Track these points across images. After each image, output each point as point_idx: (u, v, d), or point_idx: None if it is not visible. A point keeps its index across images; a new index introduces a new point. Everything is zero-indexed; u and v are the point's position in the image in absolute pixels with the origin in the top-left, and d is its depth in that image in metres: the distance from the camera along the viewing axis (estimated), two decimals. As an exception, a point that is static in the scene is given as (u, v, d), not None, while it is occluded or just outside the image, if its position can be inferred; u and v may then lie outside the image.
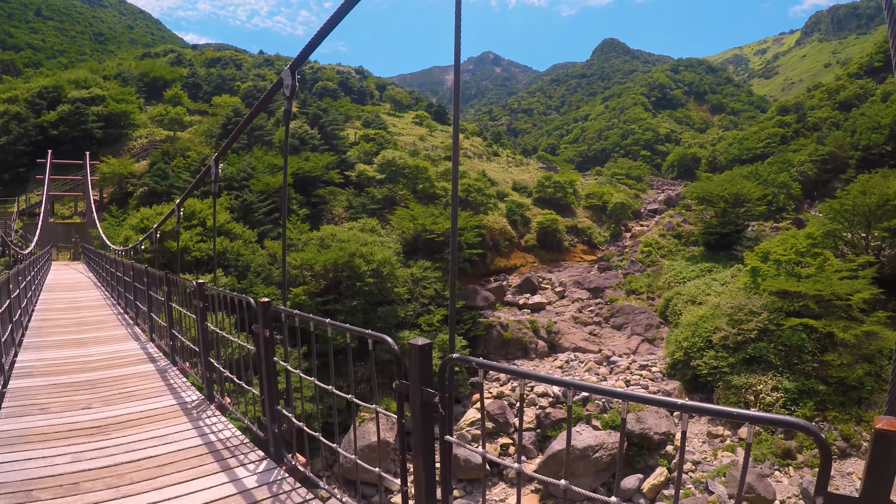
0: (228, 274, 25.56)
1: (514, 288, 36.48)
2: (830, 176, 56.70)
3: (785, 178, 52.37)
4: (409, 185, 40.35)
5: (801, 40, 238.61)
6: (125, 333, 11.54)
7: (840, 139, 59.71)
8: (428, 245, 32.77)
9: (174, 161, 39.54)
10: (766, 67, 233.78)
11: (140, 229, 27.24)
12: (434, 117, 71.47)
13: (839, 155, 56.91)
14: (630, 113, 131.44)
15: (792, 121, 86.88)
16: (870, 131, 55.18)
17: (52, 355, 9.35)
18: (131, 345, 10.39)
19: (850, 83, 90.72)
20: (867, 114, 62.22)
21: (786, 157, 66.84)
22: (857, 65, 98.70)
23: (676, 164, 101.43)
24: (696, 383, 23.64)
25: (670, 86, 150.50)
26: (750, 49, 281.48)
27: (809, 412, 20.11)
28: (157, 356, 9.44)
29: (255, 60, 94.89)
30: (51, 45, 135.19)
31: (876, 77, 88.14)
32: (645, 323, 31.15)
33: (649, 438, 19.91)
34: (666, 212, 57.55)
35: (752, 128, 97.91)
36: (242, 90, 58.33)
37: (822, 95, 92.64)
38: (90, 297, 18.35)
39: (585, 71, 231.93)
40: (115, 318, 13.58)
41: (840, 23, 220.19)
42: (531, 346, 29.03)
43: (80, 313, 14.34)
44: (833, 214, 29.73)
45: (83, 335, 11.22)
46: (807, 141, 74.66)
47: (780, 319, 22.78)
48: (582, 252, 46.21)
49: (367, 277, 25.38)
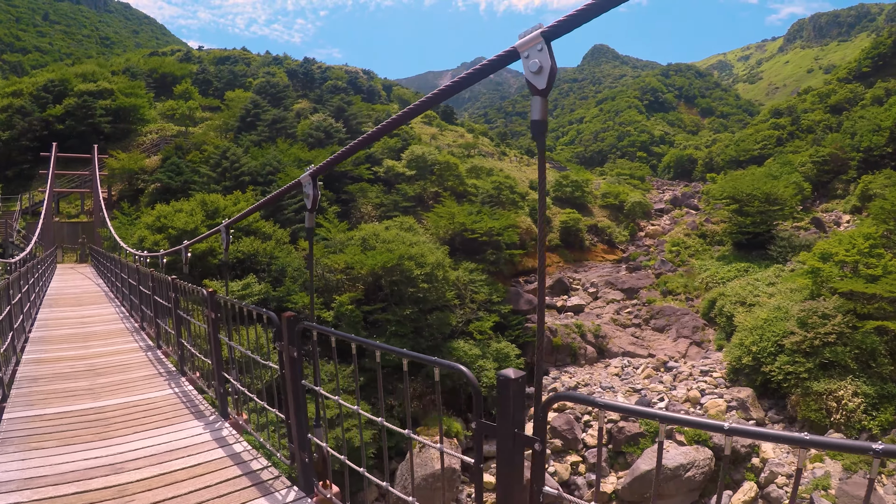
0: (262, 280, 23.54)
1: (546, 289, 35.17)
2: (831, 177, 57.24)
3: (798, 179, 52.23)
4: (438, 182, 38.98)
5: (784, 47, 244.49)
6: (163, 381, 8.19)
7: (839, 141, 60.40)
8: (467, 245, 31.38)
9: (189, 155, 37.77)
10: (750, 73, 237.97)
11: (156, 228, 25.03)
12: (442, 117, 70.45)
13: (840, 156, 57.35)
14: (624, 115, 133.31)
15: (786, 123, 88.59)
16: (871, 133, 56.04)
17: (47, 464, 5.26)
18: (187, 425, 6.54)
19: (840, 87, 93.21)
20: (867, 116, 63.71)
21: (787, 159, 67.39)
22: (847, 70, 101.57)
23: (673, 165, 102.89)
24: (767, 389, 22.61)
25: (662, 90, 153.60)
26: (734, 55, 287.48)
27: (891, 416, 19.33)
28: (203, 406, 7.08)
29: (263, 59, 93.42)
30: (58, 49, 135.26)
31: (865, 82, 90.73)
32: (691, 325, 30.05)
33: (736, 452, 18.80)
34: (674, 211, 57.40)
35: (747, 130, 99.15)
36: (255, 86, 56.66)
37: (813, 99, 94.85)
38: (103, 315, 14.43)
39: (577, 76, 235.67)
40: (142, 355, 9.93)
41: (821, 30, 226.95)
42: (580, 351, 27.76)
43: (92, 348, 10.37)
44: (884, 215, 29.01)
45: (99, 397, 7.31)
46: (802, 143, 75.93)
47: (856, 322, 21.82)
48: (603, 252, 45.23)
49: (420, 282, 23.48)
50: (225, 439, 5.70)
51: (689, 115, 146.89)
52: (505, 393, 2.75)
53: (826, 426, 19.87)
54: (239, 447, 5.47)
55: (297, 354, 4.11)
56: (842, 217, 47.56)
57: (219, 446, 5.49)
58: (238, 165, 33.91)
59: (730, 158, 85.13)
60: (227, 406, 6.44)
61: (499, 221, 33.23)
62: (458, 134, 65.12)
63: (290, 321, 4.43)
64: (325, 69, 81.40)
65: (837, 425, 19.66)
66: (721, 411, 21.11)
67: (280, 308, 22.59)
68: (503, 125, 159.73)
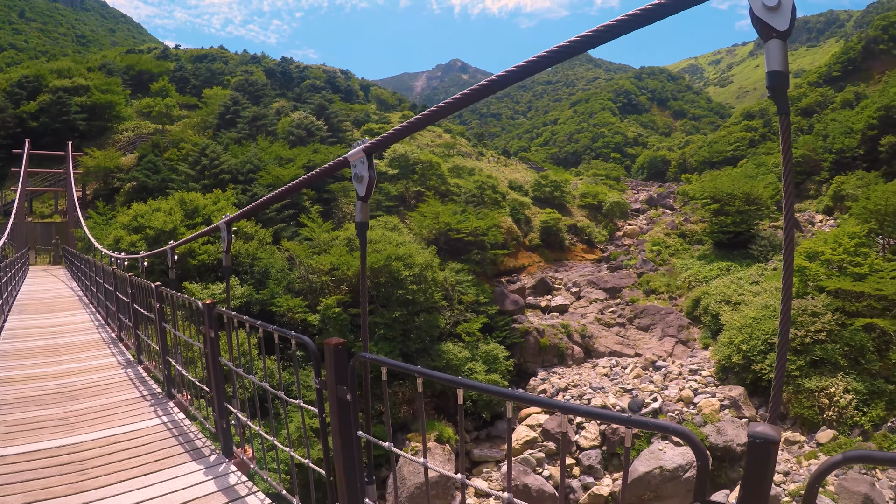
0: (244, 282, 22.71)
1: (529, 289, 35.02)
2: (803, 178, 58.39)
3: (773, 179, 53.02)
4: (420, 181, 38.47)
5: (755, 51, 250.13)
6: (147, 407, 6.96)
7: (811, 143, 61.55)
8: (452, 245, 30.94)
9: (166, 153, 36.77)
10: (720, 76, 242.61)
11: (133, 229, 23.98)
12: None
13: (812, 158, 58.52)
14: (598, 117, 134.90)
15: (758, 125, 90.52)
16: (843, 136, 57.42)
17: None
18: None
19: (810, 91, 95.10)
20: (838, 119, 65.09)
21: (761, 160, 68.55)
22: (817, 74, 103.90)
23: (646, 166, 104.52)
24: (757, 387, 22.60)
25: (635, 92, 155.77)
26: (705, 59, 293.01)
27: (882, 412, 19.39)
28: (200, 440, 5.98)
29: (241, 58, 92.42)
30: (33, 46, 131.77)
31: (834, 86, 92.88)
32: (676, 324, 30.03)
33: (732, 451, 18.61)
34: (650, 211, 57.83)
35: (719, 132, 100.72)
36: (234, 83, 55.70)
37: None
38: (77, 324, 13.12)
39: (551, 78, 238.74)
40: (122, 372, 8.73)
41: (791, 35, 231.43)
42: (567, 352, 27.48)
43: (64, 363, 9.19)
44: (866, 214, 29.31)
45: (73, 429, 6.16)
46: (774, 145, 77.34)
47: (845, 320, 21.95)
48: (582, 251, 45.29)
49: (408, 284, 22.86)
50: (234, 490, 4.59)
51: (661, 118, 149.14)
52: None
53: (818, 423, 19.90)
54: (254, 501, 4.41)
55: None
56: (815, 217, 48.26)
57: (228, 500, 4.41)
58: (218, 163, 33.07)
59: (703, 160, 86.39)
60: (231, 443, 5.38)
61: (484, 221, 32.88)
62: (436, 134, 64.76)
63: (338, 351, 3.28)
64: (303, 68, 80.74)
65: (830, 422, 19.70)
66: (715, 410, 20.96)
67: (264, 312, 21.95)
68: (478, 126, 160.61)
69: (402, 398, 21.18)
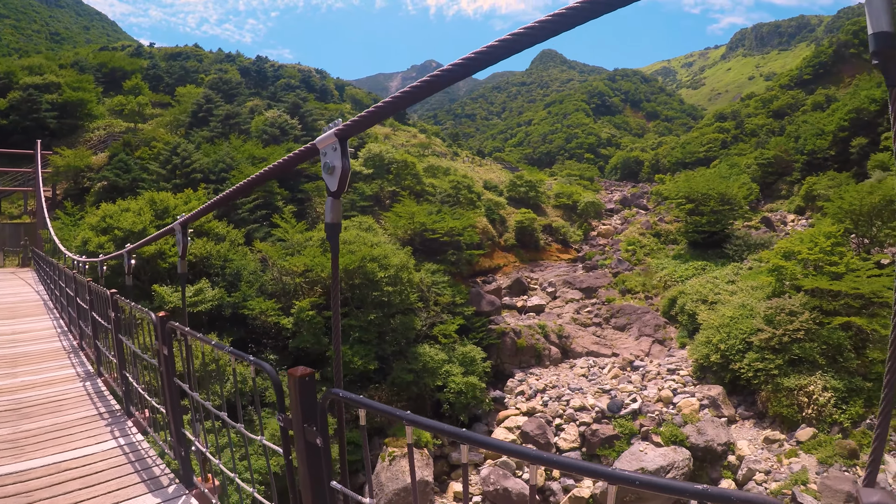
0: (215, 284, 21.87)
1: (504, 289, 34.69)
2: (775, 178, 59.24)
3: (746, 180, 53.57)
4: (395, 181, 37.94)
5: (727, 55, 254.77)
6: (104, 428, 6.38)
7: (783, 144, 62.43)
8: (428, 245, 30.46)
9: (138, 152, 35.80)
10: (693, 79, 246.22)
11: (101, 230, 22.91)
12: (395, 117, 69.53)
13: (784, 159, 59.32)
14: (572, 118, 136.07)
15: (730, 127, 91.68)
16: (814, 137, 58.09)
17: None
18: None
19: (782, 94, 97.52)
20: (810, 121, 66.29)
21: (733, 161, 69.36)
22: (788, 77, 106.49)
23: (620, 166, 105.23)
24: (736, 386, 22.55)
25: (609, 94, 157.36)
26: (677, 62, 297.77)
27: (861, 409, 19.40)
28: None
29: (215, 56, 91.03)
30: (6, 43, 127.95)
31: (805, 88, 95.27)
32: (652, 323, 29.91)
33: (713, 450, 18.45)
34: (624, 211, 58.00)
35: (692, 133, 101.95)
36: (208, 81, 54.61)
37: (756, 104, 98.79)
38: (38, 331, 12.20)
39: (525, 79, 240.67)
40: (80, 386, 8.06)
41: (763, 39, 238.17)
42: (545, 352, 27.16)
43: (20, 375, 8.57)
44: (841, 214, 29.47)
45: (23, 453, 5.60)
46: (746, 146, 78.45)
47: (822, 318, 21.94)
48: (557, 251, 45.21)
49: (384, 285, 22.32)
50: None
51: (634, 119, 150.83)
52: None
53: (798, 421, 19.82)
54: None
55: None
56: (787, 217, 48.76)
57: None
58: (189, 162, 32.24)
59: (676, 160, 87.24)
60: (190, 472, 4.89)
61: (459, 221, 32.48)
62: (410, 134, 64.41)
63: (304, 384, 2.72)
64: (277, 67, 79.99)
65: (809, 420, 19.64)
66: (694, 410, 20.79)
67: (236, 315, 21.27)
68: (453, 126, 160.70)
69: (379, 400, 20.61)
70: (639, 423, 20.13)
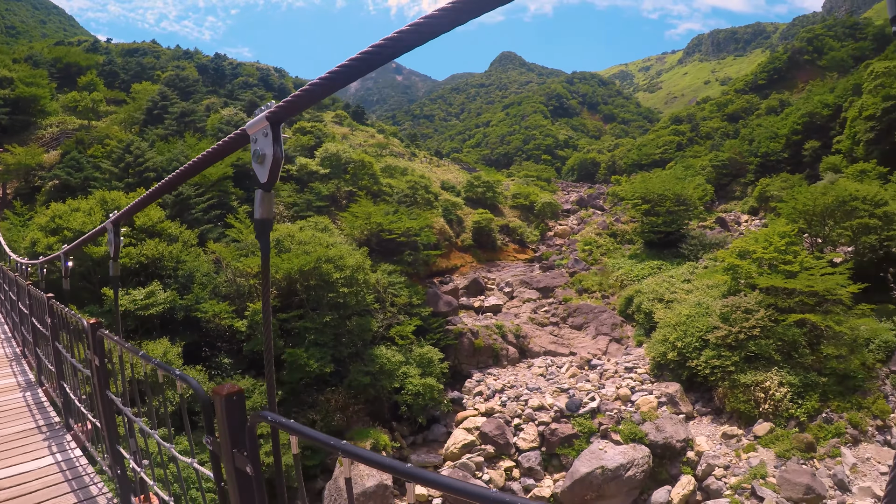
0: (167, 287, 21.02)
1: (462, 290, 34.36)
2: (729, 179, 60.58)
3: (701, 181, 54.31)
4: (352, 181, 37.26)
5: (683, 59, 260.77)
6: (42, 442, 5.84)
7: (738, 147, 63.87)
8: (384, 246, 29.94)
9: (90, 150, 34.51)
10: (650, 83, 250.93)
11: (50, 230, 22.03)
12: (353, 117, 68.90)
13: (738, 161, 60.56)
14: (530, 120, 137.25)
15: (686, 130, 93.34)
16: (768, 140, 59.73)
17: None
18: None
19: (737, 98, 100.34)
20: (764, 125, 68.17)
21: (689, 163, 70.50)
22: (743, 82, 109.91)
23: (576, 167, 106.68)
24: (693, 383, 22.65)
25: (567, 96, 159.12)
26: (635, 66, 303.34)
27: (816, 404, 19.71)
28: None
29: (173, 53, 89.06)
30: None
31: (760, 93, 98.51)
32: (609, 322, 29.91)
33: (672, 447, 18.37)
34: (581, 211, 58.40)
35: (648, 136, 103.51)
36: (164, 78, 53.18)
37: (711, 108, 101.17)
38: None
39: (484, 81, 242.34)
40: (20, 396, 7.40)
41: (719, 45, 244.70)
42: (502, 352, 26.89)
43: None
44: (795, 215, 29.91)
45: None
46: (701, 149, 79.91)
47: (777, 316, 22.21)
48: (514, 251, 45.16)
49: (339, 287, 21.78)
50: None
51: (592, 121, 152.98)
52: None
53: (755, 416, 19.96)
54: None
55: (254, 469, 2.26)
56: (741, 217, 49.64)
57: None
58: (143, 160, 31.24)
59: (632, 162, 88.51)
60: (129, 491, 4.41)
61: (416, 221, 32.10)
62: (368, 134, 63.84)
63: (231, 404, 2.38)
64: (236, 65, 78.96)
65: (766, 415, 19.78)
66: (653, 407, 20.73)
67: (189, 318, 20.44)
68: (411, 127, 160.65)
69: (336, 405, 20.14)
70: (598, 421, 19.97)
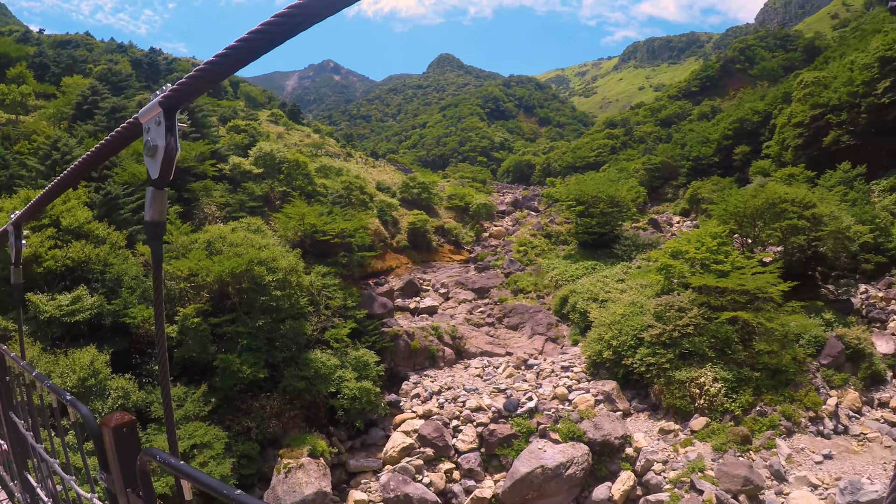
0: (94, 291, 19.81)
1: (397, 291, 33.90)
2: (662, 182, 61.99)
3: (635, 184, 55.39)
4: (286, 181, 36.22)
5: (619, 65, 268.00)
6: None
7: (670, 151, 65.60)
8: (318, 247, 29.15)
9: (17, 146, 32.38)
10: (586, 87, 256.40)
11: None
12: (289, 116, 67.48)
13: (671, 164, 62.07)
14: (467, 122, 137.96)
15: (620, 134, 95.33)
16: (699, 144, 61.72)
17: None
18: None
19: (670, 104, 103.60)
20: (696, 130, 70.50)
21: (622, 166, 71.99)
22: (677, 88, 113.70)
23: (512, 169, 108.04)
24: (629, 381, 22.92)
25: (503, 99, 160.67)
26: (571, 71, 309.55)
27: (750, 398, 20.20)
28: None
29: (107, 46, 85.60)
30: None
31: (692, 100, 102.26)
32: (545, 322, 29.99)
33: (610, 444, 18.45)
34: (516, 212, 59.04)
35: (583, 139, 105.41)
36: (96, 72, 50.52)
37: (645, 113, 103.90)
38: None
39: (422, 82, 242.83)
40: None
41: (654, 53, 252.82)
42: (438, 354, 26.56)
43: None
44: (726, 216, 30.62)
45: None
46: (635, 152, 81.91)
47: (710, 314, 22.65)
48: (450, 252, 45.15)
49: (272, 290, 21.07)
50: None
51: (527, 124, 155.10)
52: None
53: (691, 411, 20.29)
54: None
55: None
56: (673, 218, 50.77)
57: None
58: (70, 158, 29.37)
59: (567, 164, 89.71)
60: None
61: (351, 222, 31.41)
62: (304, 134, 62.73)
63: (121, 437, 2.06)
64: (171, 60, 76.60)
65: (701, 409, 20.12)
66: (590, 405, 20.77)
67: (117, 324, 19.27)
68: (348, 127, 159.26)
69: (271, 411, 19.46)
70: (536, 421, 19.87)
